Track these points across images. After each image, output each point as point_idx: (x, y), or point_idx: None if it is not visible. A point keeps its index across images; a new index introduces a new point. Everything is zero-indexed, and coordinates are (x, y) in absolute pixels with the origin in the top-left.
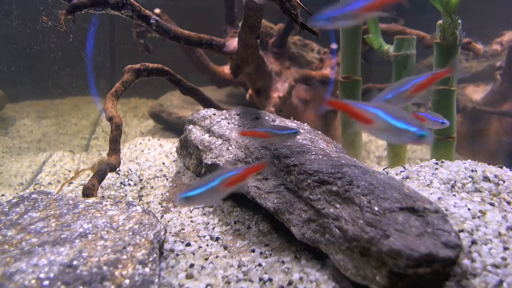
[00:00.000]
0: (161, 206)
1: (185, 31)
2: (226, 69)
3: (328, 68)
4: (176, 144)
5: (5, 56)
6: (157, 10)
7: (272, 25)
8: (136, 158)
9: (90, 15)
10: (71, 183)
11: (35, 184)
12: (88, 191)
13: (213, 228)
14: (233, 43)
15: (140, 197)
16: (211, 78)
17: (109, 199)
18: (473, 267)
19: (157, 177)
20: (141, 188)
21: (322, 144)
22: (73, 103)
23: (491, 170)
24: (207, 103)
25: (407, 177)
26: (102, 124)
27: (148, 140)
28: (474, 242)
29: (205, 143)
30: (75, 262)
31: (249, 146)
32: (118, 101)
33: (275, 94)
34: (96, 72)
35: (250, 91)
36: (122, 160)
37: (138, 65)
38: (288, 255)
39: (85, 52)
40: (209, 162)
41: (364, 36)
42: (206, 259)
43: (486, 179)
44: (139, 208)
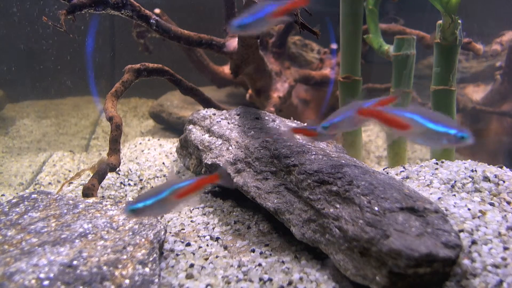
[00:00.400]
0: None
1: (185, 31)
2: (226, 69)
3: (328, 68)
4: (176, 144)
5: (5, 56)
6: (157, 10)
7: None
8: (136, 158)
9: (90, 15)
10: (71, 183)
11: (35, 184)
12: (88, 191)
13: (213, 228)
14: (233, 43)
15: None
16: (211, 78)
17: (109, 199)
18: (473, 267)
19: (157, 177)
20: (141, 188)
21: (322, 144)
22: (73, 103)
23: (491, 170)
24: (207, 103)
25: (407, 177)
26: (102, 124)
27: (148, 140)
28: (474, 242)
29: (205, 143)
30: (75, 262)
31: (249, 146)
32: (118, 101)
33: (275, 94)
34: (96, 72)
35: (250, 91)
36: (122, 160)
37: (138, 65)
38: (288, 255)
39: (85, 52)
40: (209, 162)
41: (364, 36)
42: (206, 259)
43: (486, 179)
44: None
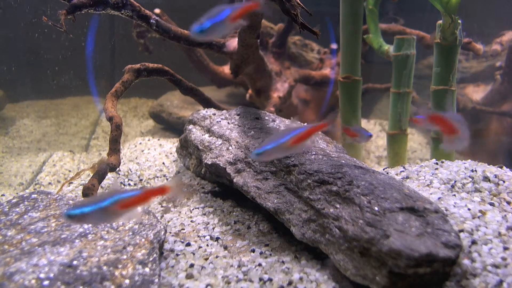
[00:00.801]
0: (161, 206)
1: (185, 31)
2: (226, 69)
3: (328, 68)
4: (176, 144)
5: (5, 56)
6: (157, 10)
7: (272, 25)
8: (136, 158)
9: (90, 15)
10: (71, 183)
11: (35, 184)
12: (88, 191)
13: (213, 228)
14: (233, 43)
15: None
16: (211, 78)
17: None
18: (473, 267)
19: (157, 177)
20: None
21: (322, 144)
22: (73, 103)
23: (491, 170)
24: (207, 103)
25: (407, 177)
26: (102, 124)
27: (148, 140)
28: (474, 242)
29: (205, 143)
30: (75, 262)
31: (249, 146)
32: (118, 101)
33: (275, 94)
34: (96, 72)
35: (250, 91)
36: (122, 160)
37: (138, 65)
38: (288, 255)
39: (86, 52)
40: (209, 162)
41: (364, 36)
42: (206, 259)
43: (486, 179)
44: (139, 208)
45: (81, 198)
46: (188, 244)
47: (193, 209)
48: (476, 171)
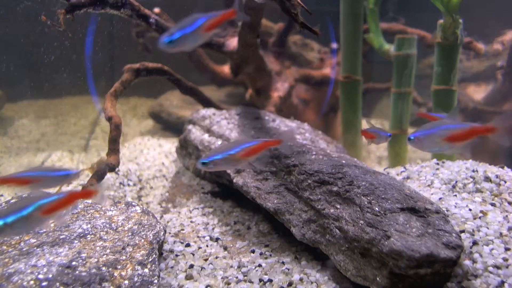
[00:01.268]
0: (161, 207)
1: None
2: (226, 69)
3: (328, 68)
4: (176, 144)
5: (5, 56)
6: (157, 10)
7: (272, 25)
8: (136, 158)
9: (89, 14)
10: (70, 183)
11: None
12: None
13: (213, 229)
14: (233, 43)
15: (140, 198)
16: (211, 78)
17: (109, 200)
18: (474, 268)
19: (157, 177)
20: (141, 189)
21: (323, 144)
22: (72, 103)
23: (493, 171)
24: (207, 103)
25: (408, 177)
26: (101, 124)
27: (148, 140)
28: (475, 243)
29: (205, 143)
30: (74, 263)
31: None
32: (118, 101)
33: (275, 94)
34: (96, 72)
35: (250, 91)
36: (122, 160)
37: (138, 65)
38: (288, 256)
39: (85, 51)
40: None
41: (365, 36)
42: (206, 260)
43: (488, 180)
44: (139, 209)
45: None
46: (188, 245)
47: (193, 210)
48: (477, 172)
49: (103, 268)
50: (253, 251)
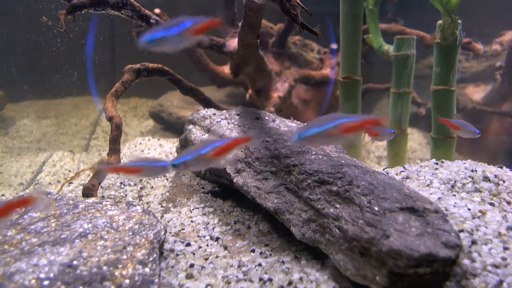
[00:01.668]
0: (161, 206)
1: None
2: (226, 69)
3: (328, 68)
4: (176, 144)
5: (5, 56)
6: (157, 10)
7: (272, 25)
8: None
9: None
10: (71, 183)
11: (35, 184)
12: (88, 191)
13: (213, 228)
14: (233, 43)
15: (140, 197)
16: (211, 78)
17: (109, 199)
18: (473, 267)
19: (157, 177)
20: (141, 188)
21: None
22: (73, 103)
23: (491, 170)
24: (207, 103)
25: (407, 177)
26: (102, 124)
27: (148, 140)
28: (474, 242)
29: None
30: (75, 262)
31: (249, 146)
32: (118, 101)
33: (275, 94)
34: (96, 72)
35: (250, 91)
36: (122, 160)
37: (138, 65)
38: (288, 255)
39: (86, 52)
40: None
41: (364, 36)
42: (206, 259)
43: (486, 179)
44: (139, 208)
45: (82, 198)
46: (188, 244)
47: (193, 209)
48: (476, 171)
49: (104, 267)
50: (253, 251)
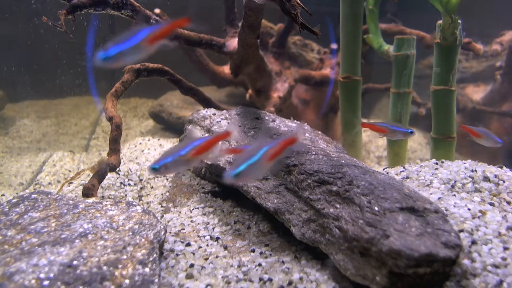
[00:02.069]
0: (161, 206)
1: (185, 31)
2: (226, 69)
3: (328, 68)
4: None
5: (5, 56)
6: (157, 10)
7: (272, 25)
8: (136, 158)
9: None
10: (71, 183)
11: (35, 184)
12: (88, 191)
13: (213, 228)
14: (233, 43)
15: (140, 197)
16: (211, 78)
17: (109, 199)
18: (473, 267)
19: (157, 177)
20: (141, 188)
21: (322, 144)
22: (73, 103)
23: (491, 170)
24: (207, 103)
25: (407, 177)
26: (102, 124)
27: (148, 140)
28: (474, 242)
29: None
30: (75, 262)
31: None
32: (118, 101)
33: (275, 94)
34: (96, 72)
35: (250, 91)
36: (122, 160)
37: (138, 65)
38: (288, 255)
39: (86, 52)
40: (209, 162)
41: (364, 36)
42: (206, 259)
43: (486, 179)
44: (139, 208)
45: (82, 198)
46: (188, 244)
47: (193, 209)
48: (476, 171)
49: (104, 267)
50: (253, 251)
